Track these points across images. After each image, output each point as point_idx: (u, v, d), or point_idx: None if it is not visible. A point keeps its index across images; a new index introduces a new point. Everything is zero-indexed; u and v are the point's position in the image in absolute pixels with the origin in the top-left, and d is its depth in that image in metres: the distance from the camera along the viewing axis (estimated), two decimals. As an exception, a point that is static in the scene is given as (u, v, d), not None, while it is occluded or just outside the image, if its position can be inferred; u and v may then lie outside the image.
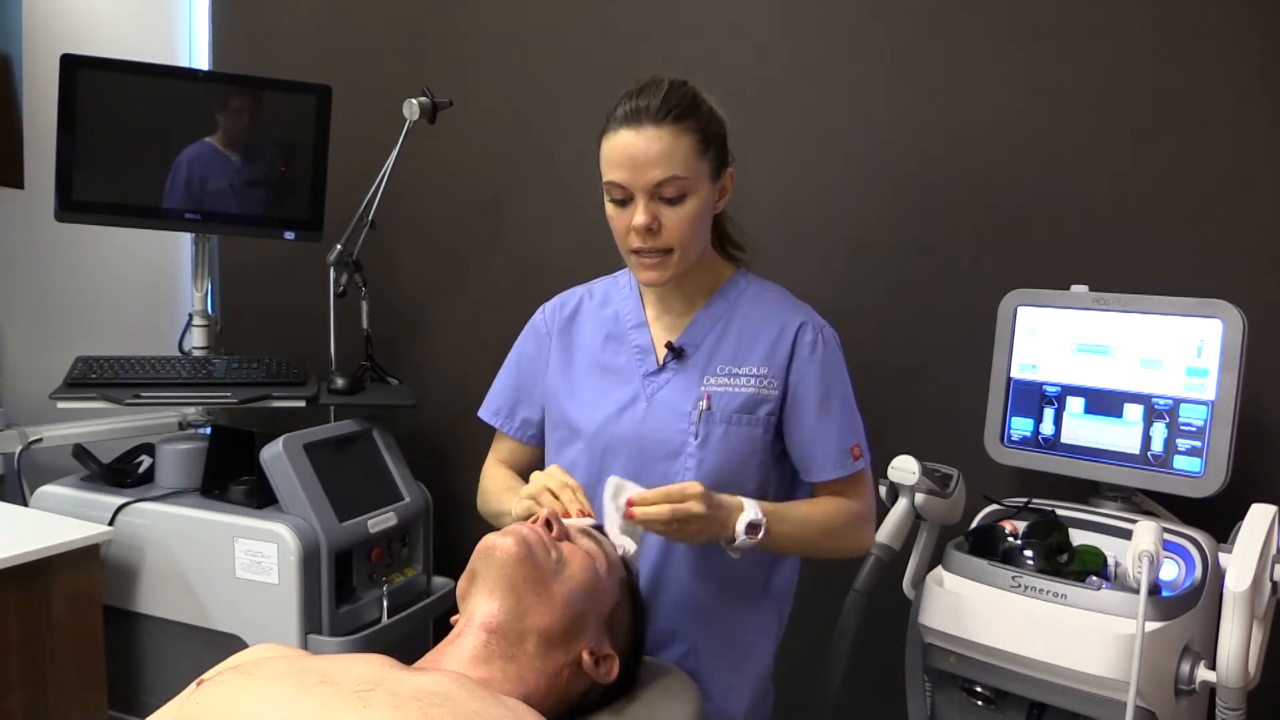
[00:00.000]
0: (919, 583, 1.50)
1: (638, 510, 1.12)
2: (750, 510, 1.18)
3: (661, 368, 1.32)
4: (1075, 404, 1.51)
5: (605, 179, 1.23)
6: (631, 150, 1.19)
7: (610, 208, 1.25)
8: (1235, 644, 1.20)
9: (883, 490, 1.55)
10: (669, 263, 1.24)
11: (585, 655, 1.03)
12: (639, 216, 1.21)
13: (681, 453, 1.29)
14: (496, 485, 1.39)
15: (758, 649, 1.35)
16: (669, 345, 1.32)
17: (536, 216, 2.22)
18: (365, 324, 2.18)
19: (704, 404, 1.28)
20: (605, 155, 1.23)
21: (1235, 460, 1.37)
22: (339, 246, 2.10)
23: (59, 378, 1.97)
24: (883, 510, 1.54)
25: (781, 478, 1.34)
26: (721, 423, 1.28)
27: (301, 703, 0.82)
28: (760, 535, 1.17)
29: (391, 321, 2.37)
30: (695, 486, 1.13)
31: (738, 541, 1.17)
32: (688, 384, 1.30)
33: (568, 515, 1.15)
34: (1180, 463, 1.41)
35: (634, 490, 1.15)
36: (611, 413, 1.32)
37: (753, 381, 1.29)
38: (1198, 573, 1.34)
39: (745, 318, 1.32)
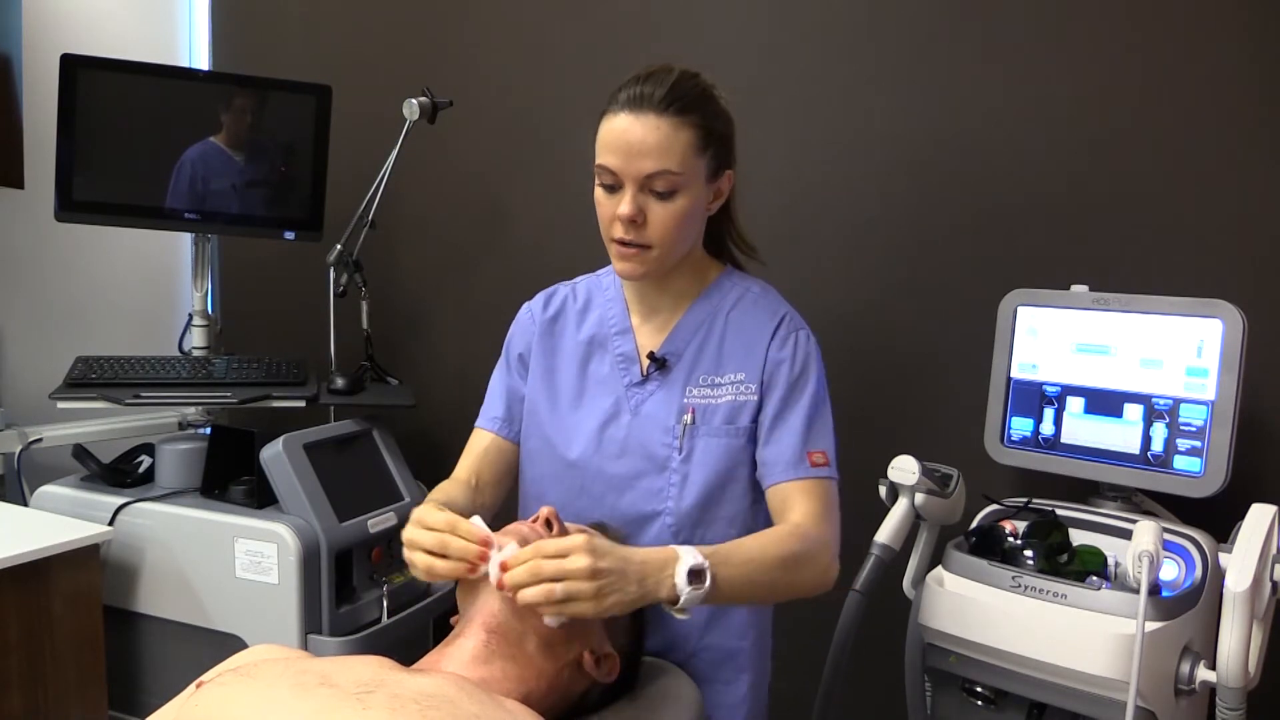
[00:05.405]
0: (919, 583, 1.50)
1: (507, 577, 0.94)
2: (688, 556, 0.99)
3: (645, 379, 1.28)
4: (1075, 404, 1.51)
5: (597, 161, 1.17)
6: (628, 136, 1.14)
7: (599, 192, 1.19)
8: (1235, 644, 1.20)
9: (882, 490, 1.55)
10: (647, 258, 1.19)
11: (586, 655, 1.03)
12: (624, 206, 1.15)
13: (666, 468, 1.25)
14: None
15: (755, 652, 1.33)
16: (651, 355, 1.27)
17: (536, 216, 2.22)
18: (365, 324, 2.18)
19: (688, 418, 1.24)
20: (601, 137, 1.17)
21: (1235, 460, 1.37)
22: (339, 246, 2.10)
23: (59, 378, 1.97)
24: (883, 510, 1.54)
25: None
26: (704, 436, 1.24)
27: (301, 704, 0.82)
28: (707, 585, 0.99)
29: (391, 321, 2.37)
30: (577, 538, 0.96)
31: (683, 599, 0.98)
32: (670, 396, 1.26)
33: (472, 569, 0.99)
34: (1180, 463, 1.41)
35: (511, 552, 0.97)
36: (594, 429, 1.28)
37: (731, 389, 1.24)
38: (1198, 573, 1.34)
39: (727, 324, 1.27)
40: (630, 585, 0.96)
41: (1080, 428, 1.51)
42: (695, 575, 0.99)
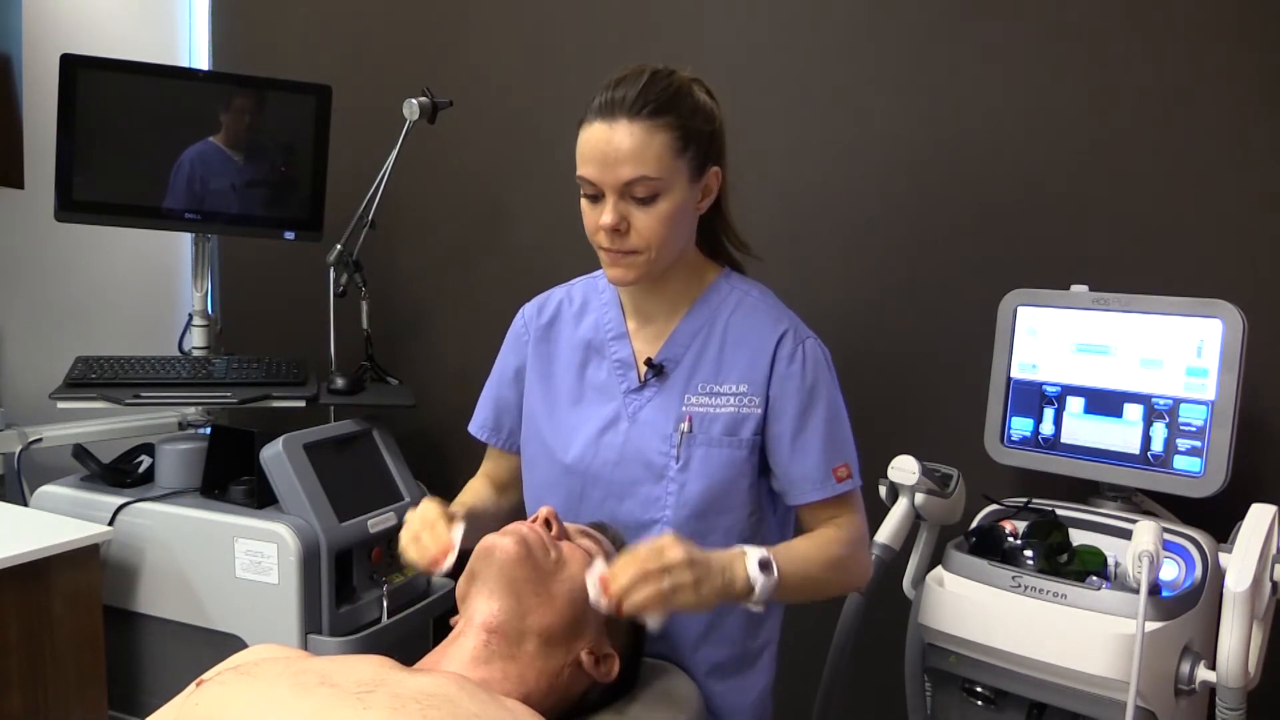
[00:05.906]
0: (919, 583, 1.50)
1: (614, 587, 0.99)
2: (753, 550, 1.08)
3: (643, 385, 1.26)
4: (1075, 404, 1.51)
5: (577, 173, 1.15)
6: (602, 145, 1.11)
7: (583, 202, 1.18)
8: (1235, 644, 1.20)
9: (882, 490, 1.55)
10: (636, 263, 1.17)
11: (585, 655, 1.03)
12: (606, 216, 1.13)
13: (664, 476, 1.23)
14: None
15: (758, 656, 1.32)
16: (648, 362, 1.25)
17: (536, 216, 2.22)
18: (365, 324, 2.19)
19: (685, 426, 1.22)
20: (579, 148, 1.15)
21: (1235, 460, 1.37)
22: (339, 246, 2.10)
23: (59, 378, 1.97)
24: (883, 510, 1.54)
25: (775, 502, 1.27)
26: (703, 445, 1.22)
27: (301, 704, 0.82)
28: (775, 573, 1.07)
29: (391, 321, 2.37)
30: (665, 535, 1.04)
31: (757, 589, 1.06)
32: (668, 403, 1.24)
33: (436, 563, 1.07)
34: (1180, 463, 1.41)
35: (602, 568, 1.03)
36: (592, 435, 1.27)
37: (733, 400, 1.22)
38: (1198, 573, 1.34)
39: (726, 330, 1.24)
40: (716, 575, 1.04)
41: (1080, 428, 1.51)
42: (764, 566, 1.07)
